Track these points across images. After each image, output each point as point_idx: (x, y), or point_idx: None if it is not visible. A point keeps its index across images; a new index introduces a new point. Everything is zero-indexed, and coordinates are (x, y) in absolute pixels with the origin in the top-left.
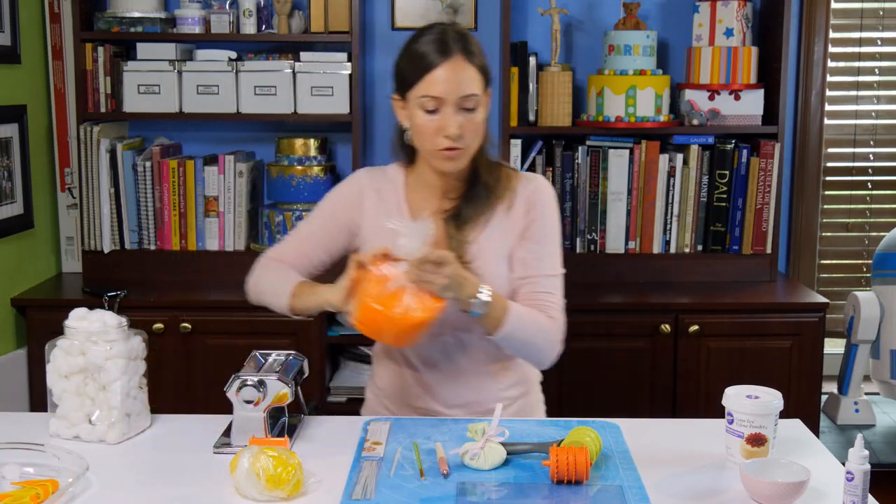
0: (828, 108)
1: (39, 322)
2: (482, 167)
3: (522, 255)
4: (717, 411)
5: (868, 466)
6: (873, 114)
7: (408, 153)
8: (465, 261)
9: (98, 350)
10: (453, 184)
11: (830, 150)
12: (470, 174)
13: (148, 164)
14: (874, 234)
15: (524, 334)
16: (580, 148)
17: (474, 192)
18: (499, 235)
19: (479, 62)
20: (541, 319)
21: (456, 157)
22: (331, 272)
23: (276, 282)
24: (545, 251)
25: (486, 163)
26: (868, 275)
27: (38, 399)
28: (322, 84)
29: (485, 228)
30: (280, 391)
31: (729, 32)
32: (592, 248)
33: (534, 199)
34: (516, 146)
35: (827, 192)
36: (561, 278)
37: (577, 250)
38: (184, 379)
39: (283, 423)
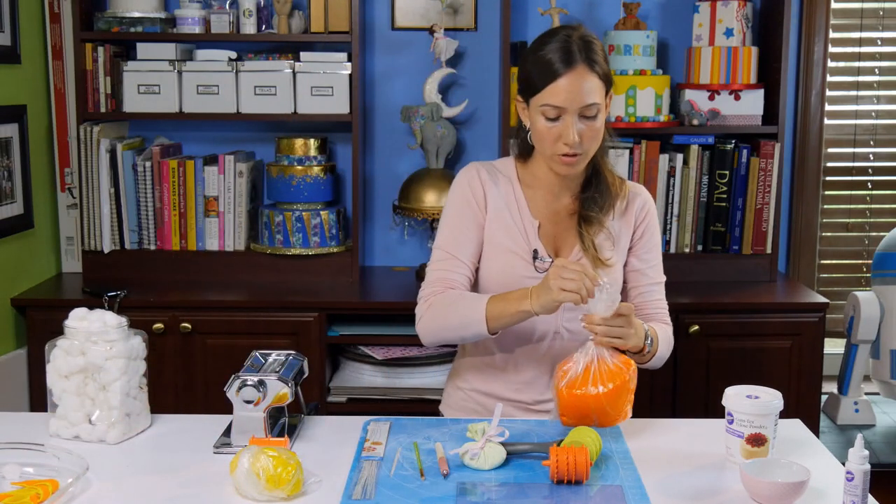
0: (828, 108)
1: (39, 322)
2: (602, 169)
3: (637, 264)
4: (717, 411)
5: (868, 466)
6: (873, 114)
7: (524, 149)
8: (604, 260)
9: (98, 350)
10: (569, 183)
11: (830, 150)
12: (585, 174)
13: (148, 164)
14: (874, 234)
15: (665, 353)
16: (511, 151)
17: (595, 191)
18: (605, 240)
19: (601, 70)
20: (669, 333)
21: (574, 164)
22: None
23: (459, 312)
24: (656, 260)
25: (605, 165)
26: (868, 275)
27: (38, 399)
28: (322, 84)
29: (601, 227)
30: (280, 391)
31: (729, 32)
32: None
33: (647, 207)
34: (516, 146)
35: (827, 192)
36: (664, 285)
37: None
38: (184, 379)
39: (283, 423)
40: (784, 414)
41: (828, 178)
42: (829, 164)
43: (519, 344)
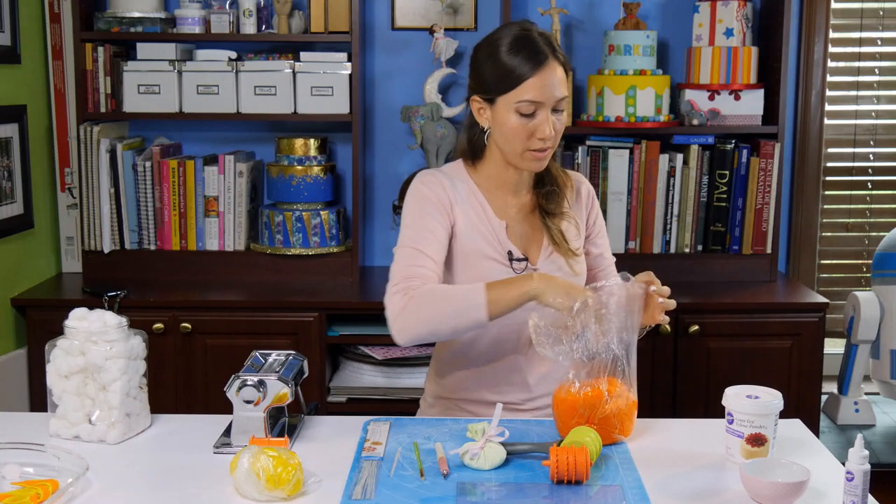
0: (828, 108)
1: (39, 322)
2: (551, 163)
3: (594, 250)
4: (717, 411)
5: (868, 466)
6: (873, 114)
7: (475, 151)
8: (575, 250)
9: (98, 350)
10: (524, 180)
11: (830, 150)
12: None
13: (148, 164)
14: (874, 234)
15: None
16: (580, 148)
17: (552, 185)
18: (572, 225)
19: (563, 60)
20: None
21: (544, 158)
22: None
23: (452, 302)
24: (606, 243)
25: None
26: (868, 275)
27: (38, 399)
28: (322, 84)
29: (563, 219)
30: (280, 391)
31: (729, 32)
32: None
33: (591, 193)
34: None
35: (827, 192)
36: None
37: None
38: (184, 379)
39: (283, 423)
40: (784, 414)
41: (828, 178)
42: (829, 164)
43: (497, 344)
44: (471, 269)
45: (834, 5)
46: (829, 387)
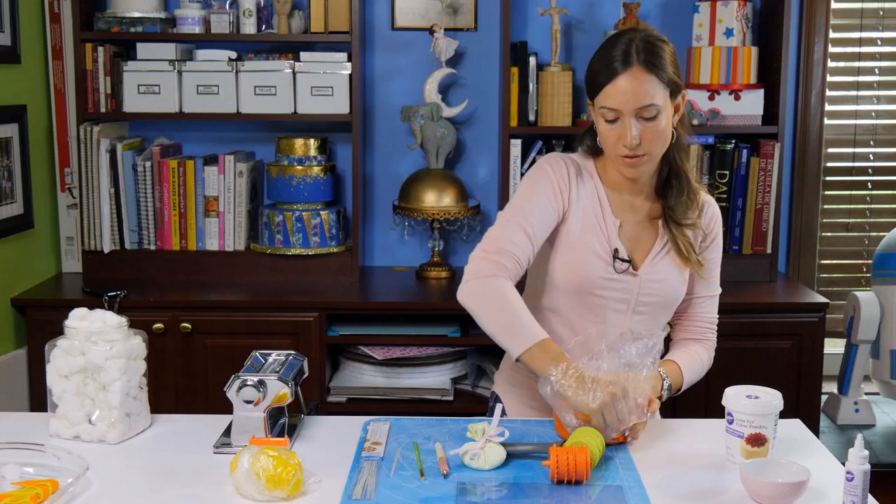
0: (828, 108)
1: (39, 322)
2: (684, 172)
3: (697, 276)
4: (717, 411)
5: (868, 466)
6: (873, 114)
7: (596, 149)
8: (702, 262)
9: (98, 350)
10: (643, 184)
11: (830, 150)
12: (660, 176)
13: (148, 164)
14: (874, 234)
15: (694, 380)
16: (580, 148)
17: (685, 196)
18: (695, 239)
19: (662, 71)
20: (703, 358)
21: (636, 165)
22: None
23: (506, 318)
24: (715, 272)
25: (686, 168)
26: (868, 275)
27: (38, 399)
28: (322, 84)
29: (691, 230)
30: (280, 391)
31: (729, 32)
32: None
33: (716, 218)
34: (516, 146)
35: (827, 192)
36: (718, 299)
37: None
38: (184, 379)
39: (283, 423)
40: (784, 414)
41: (828, 178)
42: (829, 164)
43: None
44: (571, 257)
45: (834, 5)
46: (829, 387)
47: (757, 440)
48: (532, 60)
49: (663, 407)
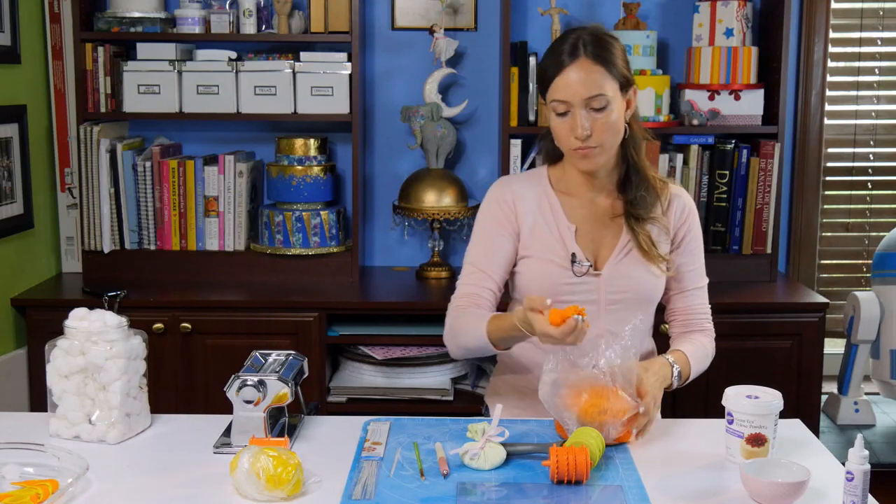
0: (828, 108)
1: (39, 322)
2: (641, 167)
3: (678, 268)
4: (717, 411)
5: (868, 466)
6: (873, 114)
7: (554, 152)
8: (664, 256)
9: (98, 350)
10: (603, 182)
11: (830, 150)
12: (619, 172)
13: (148, 164)
14: (874, 234)
15: (702, 368)
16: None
17: (643, 191)
18: (663, 232)
19: (611, 64)
20: (707, 347)
21: (590, 156)
22: None
23: (469, 326)
24: (698, 263)
25: (642, 163)
26: (868, 275)
27: (38, 399)
28: (322, 84)
29: (653, 225)
30: (280, 391)
31: (729, 32)
32: None
33: (688, 209)
34: (516, 146)
35: (827, 192)
36: (707, 288)
37: None
38: (184, 379)
39: (283, 423)
40: (784, 414)
41: (828, 178)
42: (829, 164)
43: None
44: (531, 269)
45: (834, 5)
46: (829, 387)
47: (757, 440)
48: (532, 60)
49: (663, 407)
